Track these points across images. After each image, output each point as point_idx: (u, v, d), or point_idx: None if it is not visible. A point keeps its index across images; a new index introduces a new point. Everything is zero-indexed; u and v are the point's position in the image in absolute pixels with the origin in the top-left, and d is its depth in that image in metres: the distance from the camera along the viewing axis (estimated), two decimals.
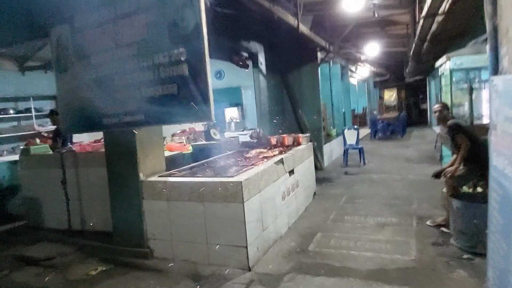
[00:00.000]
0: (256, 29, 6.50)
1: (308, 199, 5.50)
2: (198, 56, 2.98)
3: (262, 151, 5.11)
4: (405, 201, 5.26)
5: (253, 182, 3.55)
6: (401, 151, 10.17)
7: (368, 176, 7.09)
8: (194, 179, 3.59)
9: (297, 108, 8.40)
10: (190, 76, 3.04)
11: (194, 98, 3.03)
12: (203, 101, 3.00)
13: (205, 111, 3.00)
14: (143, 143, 3.84)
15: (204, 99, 2.99)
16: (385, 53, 11.77)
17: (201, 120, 3.09)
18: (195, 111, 3.05)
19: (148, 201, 3.79)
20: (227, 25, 5.61)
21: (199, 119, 3.10)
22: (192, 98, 3.03)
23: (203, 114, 3.01)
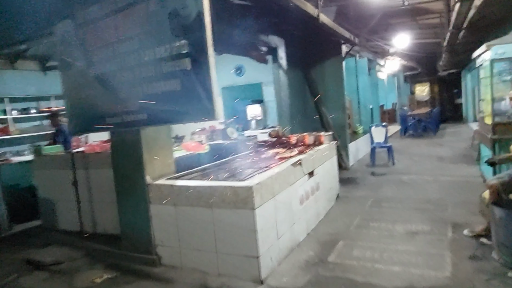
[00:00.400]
0: (275, 21, 6.16)
1: (330, 202, 5.12)
2: (201, 48, 2.70)
3: (280, 151, 4.78)
4: (438, 205, 4.79)
5: (266, 186, 3.24)
6: (433, 150, 9.53)
7: (397, 177, 6.61)
8: (202, 183, 3.31)
9: (320, 105, 7.99)
10: (193, 70, 2.77)
11: (197, 95, 2.75)
12: (206, 98, 2.71)
13: (209, 109, 2.72)
14: (149, 144, 3.62)
15: (208, 95, 2.71)
16: (415, 45, 11.10)
17: (205, 119, 2.79)
18: (198, 109, 2.77)
19: (155, 205, 3.56)
20: (244, 18, 5.30)
21: (203, 118, 2.82)
22: (195, 95, 2.76)
23: (207, 112, 2.73)
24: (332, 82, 7.96)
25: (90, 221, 4.60)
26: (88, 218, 4.59)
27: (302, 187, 4.10)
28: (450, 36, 6.92)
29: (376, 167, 7.73)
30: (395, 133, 13.99)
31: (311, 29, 6.89)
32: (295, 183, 3.90)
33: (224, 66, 9.48)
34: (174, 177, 3.67)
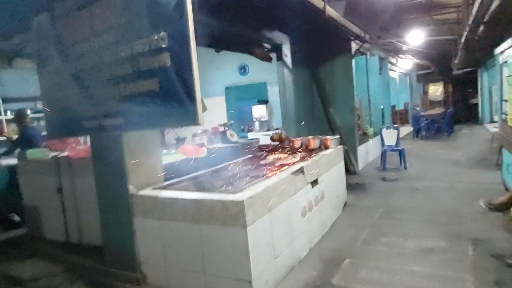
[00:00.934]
0: (280, 17, 5.76)
1: (336, 211, 4.71)
2: (181, 42, 2.33)
3: (281, 156, 4.40)
4: (456, 217, 4.34)
5: (261, 199, 2.86)
6: (448, 153, 9.02)
7: (409, 184, 6.15)
8: (188, 195, 2.95)
9: (327, 106, 7.57)
10: (173, 67, 2.40)
11: (177, 96, 2.38)
12: (188, 100, 2.34)
13: (191, 113, 2.34)
14: (133, 150, 3.26)
15: (189, 97, 2.33)
16: (430, 42, 10.57)
17: (186, 124, 2.43)
18: (179, 112, 2.40)
19: (139, 218, 3.20)
20: (245, 13, 4.93)
21: (183, 122, 2.45)
22: (176, 96, 2.39)
23: (188, 116, 2.36)
24: (341, 81, 7.54)
25: (76, 231, 4.27)
26: (73, 228, 4.27)
27: (304, 198, 3.70)
28: (468, 31, 6.44)
29: (386, 172, 7.27)
30: (407, 134, 13.46)
31: (318, 24, 6.47)
32: (296, 194, 3.51)
33: (227, 64, 9.13)
34: (160, 187, 3.31)
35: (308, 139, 5.04)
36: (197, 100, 2.31)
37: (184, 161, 5.04)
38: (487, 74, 14.95)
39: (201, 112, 2.32)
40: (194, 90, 2.30)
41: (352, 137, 7.56)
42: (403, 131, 13.58)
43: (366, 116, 10.29)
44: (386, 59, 11.80)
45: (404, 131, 13.90)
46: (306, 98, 7.43)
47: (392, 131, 7.69)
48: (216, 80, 9.39)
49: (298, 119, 6.82)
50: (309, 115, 7.50)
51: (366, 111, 10.29)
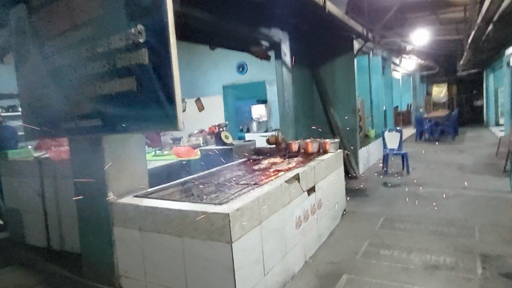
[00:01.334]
0: (278, 13, 5.49)
1: (334, 220, 4.45)
2: (160, 37, 2.07)
3: (277, 161, 4.13)
4: (463, 228, 4.06)
5: (250, 211, 2.60)
6: (453, 157, 8.72)
7: (412, 190, 5.87)
8: (171, 205, 2.69)
9: (328, 107, 7.30)
10: (151, 65, 2.13)
11: (156, 97, 2.12)
12: (167, 102, 2.08)
13: (170, 116, 2.08)
14: (114, 153, 3.01)
15: (168, 98, 2.07)
16: (434, 42, 10.26)
17: (165, 127, 2.17)
18: (157, 115, 2.14)
19: (119, 228, 2.95)
20: (241, 8, 4.66)
21: (162, 127, 2.19)
22: (154, 97, 2.13)
23: (167, 120, 2.10)
24: (343, 81, 7.28)
25: (57, 237, 4.03)
26: (55, 233, 4.03)
27: (299, 207, 3.44)
28: (476, 31, 6.14)
29: (388, 176, 6.99)
30: (410, 136, 13.16)
31: (319, 22, 6.21)
32: (290, 203, 3.24)
33: (225, 63, 8.86)
34: (144, 194, 3.05)
35: (306, 142, 4.77)
36: (177, 102, 2.04)
37: (175, 163, 4.81)
38: (493, 75, 14.63)
39: (181, 116, 2.06)
40: (173, 91, 2.04)
41: (353, 139, 7.29)
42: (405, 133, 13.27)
43: (368, 118, 10.02)
44: (389, 59, 11.51)
45: (407, 133, 13.59)
46: (306, 99, 7.16)
47: (395, 134, 7.40)
48: (214, 79, 9.13)
49: (297, 120, 6.55)
50: (309, 116, 7.24)
51: (368, 112, 10.02)
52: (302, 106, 6.85)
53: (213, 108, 9.30)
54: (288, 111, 6.31)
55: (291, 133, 6.27)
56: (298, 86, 6.73)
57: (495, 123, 14.69)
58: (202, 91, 9.37)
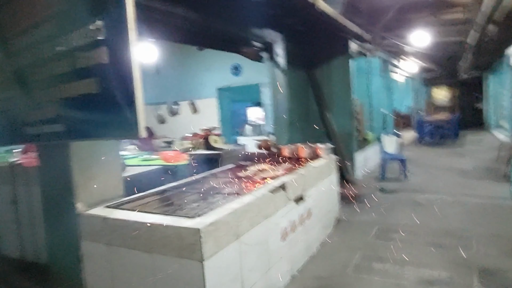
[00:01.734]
0: (270, 13, 5.28)
1: (326, 229, 4.22)
2: (119, 33, 1.85)
3: (264, 168, 3.91)
4: (461, 240, 3.83)
5: (227, 225, 2.38)
6: (453, 161, 8.48)
7: (410, 196, 5.64)
8: (141, 217, 2.46)
9: (324, 110, 7.06)
10: (111, 65, 1.92)
11: (116, 101, 1.90)
12: (127, 106, 1.86)
13: (130, 122, 1.86)
14: (84, 160, 2.79)
15: (128, 102, 1.85)
16: (435, 44, 10.01)
17: (125, 135, 1.96)
18: (118, 121, 1.93)
19: (87, 242, 2.73)
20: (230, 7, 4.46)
21: (123, 134, 1.97)
22: (114, 101, 1.91)
23: (128, 126, 1.88)
24: (339, 83, 7.04)
25: (31, 248, 3.81)
26: (29, 244, 3.81)
27: (286, 218, 3.21)
28: (478, 31, 5.92)
29: (386, 182, 6.76)
30: (411, 140, 12.91)
31: (313, 21, 5.98)
32: (275, 214, 3.02)
33: (219, 65, 8.66)
34: (116, 205, 2.83)
35: (298, 147, 4.57)
36: (138, 107, 1.83)
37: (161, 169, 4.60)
38: (493, 78, 14.38)
39: (142, 122, 1.84)
40: (133, 94, 1.82)
41: (350, 143, 7.06)
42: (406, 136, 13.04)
43: (367, 121, 9.78)
44: (389, 61, 11.28)
45: (407, 136, 13.35)
46: (301, 101, 6.93)
47: (393, 138, 7.18)
48: (208, 81, 8.92)
49: (292, 124, 6.33)
50: (304, 120, 7.00)
51: (367, 115, 9.78)
52: (297, 109, 6.63)
53: (208, 111, 9.10)
54: (281, 114, 6.10)
55: (285, 137, 6.05)
56: (293, 89, 6.52)
57: (496, 126, 14.43)
58: (196, 93, 9.17)
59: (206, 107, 9.08)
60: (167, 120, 9.74)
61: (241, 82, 8.51)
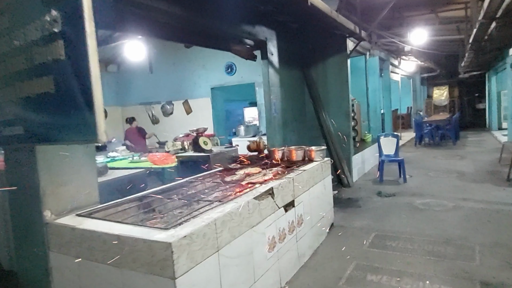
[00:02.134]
0: (262, 9, 5.08)
1: (319, 237, 4.00)
2: (76, 25, 1.63)
3: (253, 172, 3.68)
4: (462, 249, 3.61)
5: (204, 237, 2.16)
6: (453, 163, 8.27)
7: (408, 200, 5.42)
8: (110, 228, 2.25)
9: (320, 110, 6.86)
10: (68, 61, 1.70)
11: (74, 101, 1.69)
12: (86, 106, 1.64)
13: (89, 125, 1.64)
14: (53, 165, 2.58)
15: (86, 102, 1.64)
16: (434, 43, 9.81)
17: (85, 139, 1.74)
18: (76, 123, 1.71)
19: (55, 254, 2.51)
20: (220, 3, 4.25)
21: (82, 137, 1.75)
22: (72, 101, 1.70)
23: (87, 130, 1.66)
24: (335, 83, 6.84)
25: (6, 255, 3.60)
26: (3, 252, 3.60)
27: (273, 226, 3.00)
28: (478, 29, 5.71)
29: (384, 185, 6.54)
30: (409, 141, 12.71)
31: (307, 18, 5.79)
32: (261, 223, 2.80)
33: (213, 63, 8.45)
34: (87, 213, 2.61)
35: (290, 149, 4.35)
36: (97, 108, 1.61)
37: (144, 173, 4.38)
38: (495, 78, 14.17)
39: (102, 125, 1.62)
40: (91, 93, 1.60)
41: (346, 145, 6.85)
42: (405, 137, 12.84)
43: (364, 121, 9.58)
44: (388, 60, 11.08)
45: (406, 137, 13.15)
46: (296, 102, 6.72)
47: (391, 139, 6.97)
48: (202, 80, 8.71)
49: (286, 125, 6.12)
50: (299, 120, 6.80)
51: (365, 115, 9.58)
52: (291, 110, 6.42)
53: (202, 111, 8.89)
54: (275, 115, 5.88)
55: (278, 138, 5.84)
56: (287, 88, 6.30)
57: (498, 127, 14.22)
58: (190, 93, 8.96)
59: (200, 107, 8.88)
60: (160, 120, 9.53)
61: (235, 81, 8.31)
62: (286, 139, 5.98)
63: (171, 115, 9.30)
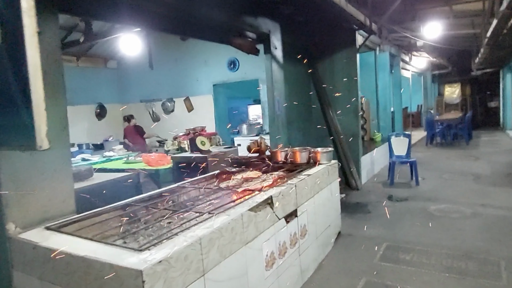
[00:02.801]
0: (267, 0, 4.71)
1: (325, 248, 3.64)
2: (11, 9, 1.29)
3: (252, 176, 3.33)
4: (484, 264, 3.21)
5: (185, 260, 1.81)
6: (467, 165, 7.82)
7: (421, 206, 5.02)
8: (75, 247, 1.90)
9: (327, 108, 6.48)
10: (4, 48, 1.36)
11: (10, 99, 1.34)
12: (23, 104, 1.30)
13: (28, 128, 1.30)
14: (18, 170, 2.25)
15: (24, 99, 1.29)
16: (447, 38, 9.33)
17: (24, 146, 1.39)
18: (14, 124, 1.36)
19: (19, 273, 2.18)
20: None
21: (21, 140, 1.41)
22: (8, 99, 1.35)
23: (25, 133, 1.31)
24: (344, 79, 6.45)
25: None
26: None
27: (272, 241, 2.64)
28: (498, 21, 5.27)
29: (395, 188, 6.14)
30: (420, 140, 12.24)
31: (314, 10, 5.43)
32: (257, 238, 2.44)
33: (215, 59, 8.10)
34: (57, 226, 2.28)
35: (294, 151, 3.98)
36: (35, 106, 1.26)
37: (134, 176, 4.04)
38: (511, 75, 13.61)
39: (43, 128, 1.28)
40: (28, 86, 1.26)
41: (355, 144, 6.47)
42: (415, 136, 12.39)
43: (374, 120, 9.15)
44: (398, 56, 10.61)
45: (417, 136, 12.69)
46: (301, 98, 6.34)
47: (402, 139, 6.56)
48: (203, 77, 8.36)
49: (290, 123, 5.75)
50: (305, 119, 6.43)
51: (374, 114, 9.16)
52: (296, 107, 6.04)
53: (203, 109, 8.55)
54: (279, 113, 5.51)
55: (283, 138, 5.47)
56: (292, 85, 5.93)
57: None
58: (191, 90, 8.63)
59: (201, 104, 8.54)
60: (161, 118, 9.21)
61: (238, 78, 7.95)
62: (291, 138, 5.62)
63: (172, 113, 8.98)
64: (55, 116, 2.42)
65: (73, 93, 8.15)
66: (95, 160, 5.89)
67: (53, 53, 2.41)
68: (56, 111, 2.43)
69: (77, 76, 8.33)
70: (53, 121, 2.40)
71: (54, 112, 2.42)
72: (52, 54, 2.40)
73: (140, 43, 5.64)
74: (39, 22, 2.31)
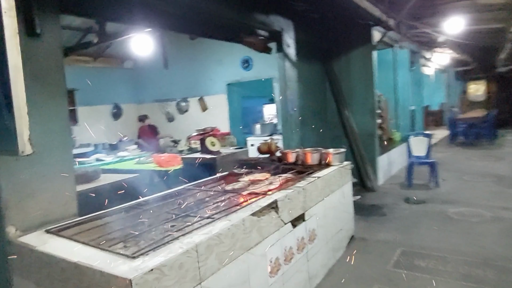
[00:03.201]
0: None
1: (335, 252, 3.51)
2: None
3: (259, 178, 3.24)
4: (504, 273, 3.02)
5: (180, 268, 1.74)
6: (490, 165, 7.49)
7: (440, 209, 4.81)
8: (69, 253, 1.86)
9: (342, 107, 6.32)
10: None
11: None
12: (5, 106, 1.25)
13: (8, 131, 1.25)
14: (18, 173, 2.23)
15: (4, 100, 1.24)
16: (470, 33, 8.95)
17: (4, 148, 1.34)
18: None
19: (18, 278, 2.17)
20: None
21: (3, 145, 1.36)
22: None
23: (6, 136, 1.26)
24: (360, 77, 6.30)
25: None
26: None
27: (277, 246, 2.54)
28: None
29: (413, 190, 5.92)
30: (442, 139, 11.83)
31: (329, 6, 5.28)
32: (260, 244, 2.35)
33: (229, 58, 8.03)
34: (57, 229, 2.25)
35: (305, 152, 3.87)
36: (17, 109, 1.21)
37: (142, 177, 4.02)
38: None
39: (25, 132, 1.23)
40: (9, 89, 1.20)
41: (371, 144, 6.29)
42: (437, 135, 11.98)
43: (392, 119, 8.88)
44: (419, 52, 10.28)
45: (439, 135, 12.28)
46: (316, 98, 6.21)
47: (422, 139, 6.31)
48: (217, 76, 8.31)
49: (304, 123, 5.62)
50: (319, 119, 6.28)
51: (392, 112, 8.89)
52: (310, 107, 5.92)
53: (217, 108, 8.50)
54: (291, 113, 5.39)
55: (295, 139, 5.35)
56: (306, 83, 5.80)
57: None
58: (205, 89, 8.59)
59: (216, 104, 8.49)
60: (175, 118, 9.23)
61: (252, 77, 7.86)
62: (304, 139, 5.48)
63: (186, 113, 8.97)
64: (56, 118, 2.40)
65: (90, 93, 8.27)
66: (109, 160, 5.92)
67: (54, 54, 2.38)
68: (57, 112, 2.41)
69: (94, 76, 8.43)
70: (53, 123, 2.40)
71: (55, 114, 2.40)
72: (53, 55, 2.37)
73: (152, 43, 5.62)
74: (39, 23, 2.29)
